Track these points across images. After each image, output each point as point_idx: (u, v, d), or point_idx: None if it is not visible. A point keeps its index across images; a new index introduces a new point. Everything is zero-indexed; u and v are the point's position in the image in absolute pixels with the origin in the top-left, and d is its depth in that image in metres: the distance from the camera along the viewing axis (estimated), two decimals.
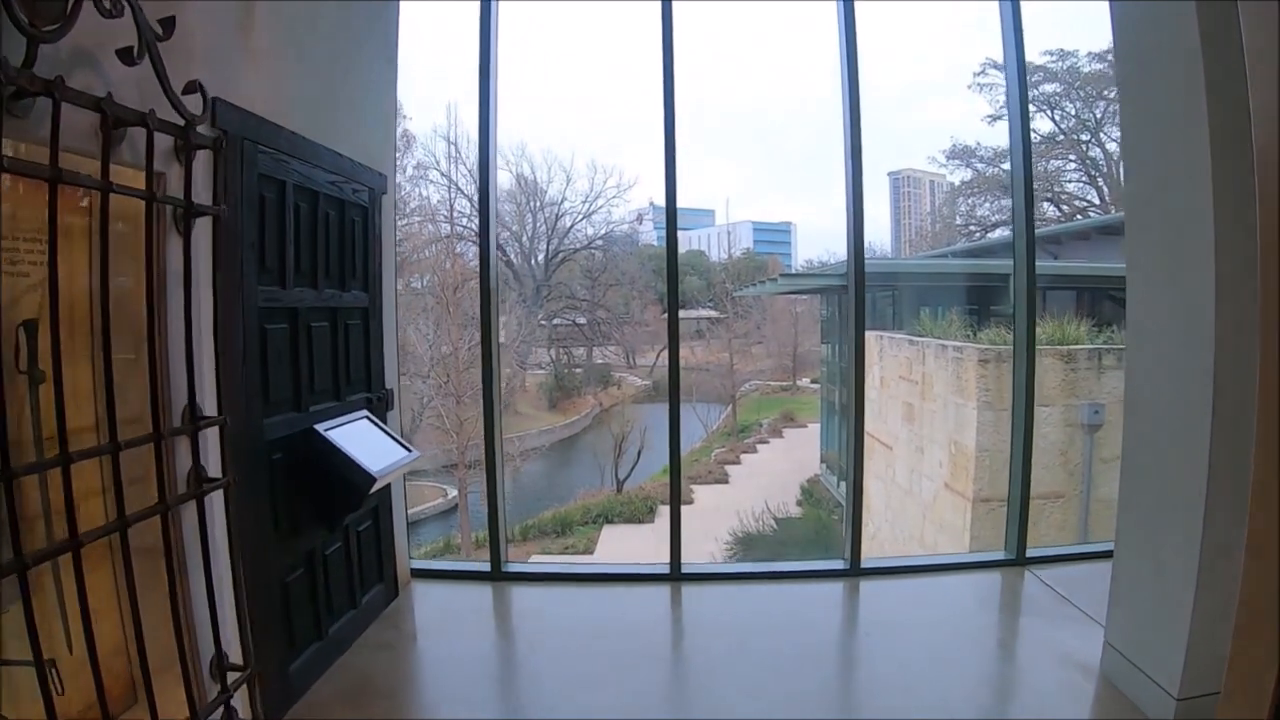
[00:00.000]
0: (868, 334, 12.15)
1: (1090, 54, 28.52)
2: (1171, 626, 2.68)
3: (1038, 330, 9.13)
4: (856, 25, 4.12)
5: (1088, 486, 8.53)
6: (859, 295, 4.15)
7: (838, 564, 4.18)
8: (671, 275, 4.14)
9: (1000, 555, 4.39)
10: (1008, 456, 8.52)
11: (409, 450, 3.25)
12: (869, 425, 12.56)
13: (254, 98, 2.67)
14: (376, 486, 2.99)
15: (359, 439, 3.06)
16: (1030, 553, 4.38)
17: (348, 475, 2.93)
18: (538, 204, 33.03)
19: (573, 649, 3.36)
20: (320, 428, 2.96)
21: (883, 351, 11.66)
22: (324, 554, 3.17)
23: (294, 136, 2.92)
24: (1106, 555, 4.44)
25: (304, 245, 3.00)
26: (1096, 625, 3.34)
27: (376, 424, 3.30)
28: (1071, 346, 8.60)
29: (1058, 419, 8.50)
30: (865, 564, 4.12)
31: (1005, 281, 13.03)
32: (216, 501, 2.35)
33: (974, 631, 3.58)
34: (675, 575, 4.06)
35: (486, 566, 4.11)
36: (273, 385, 2.82)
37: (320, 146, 3.10)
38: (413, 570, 4.14)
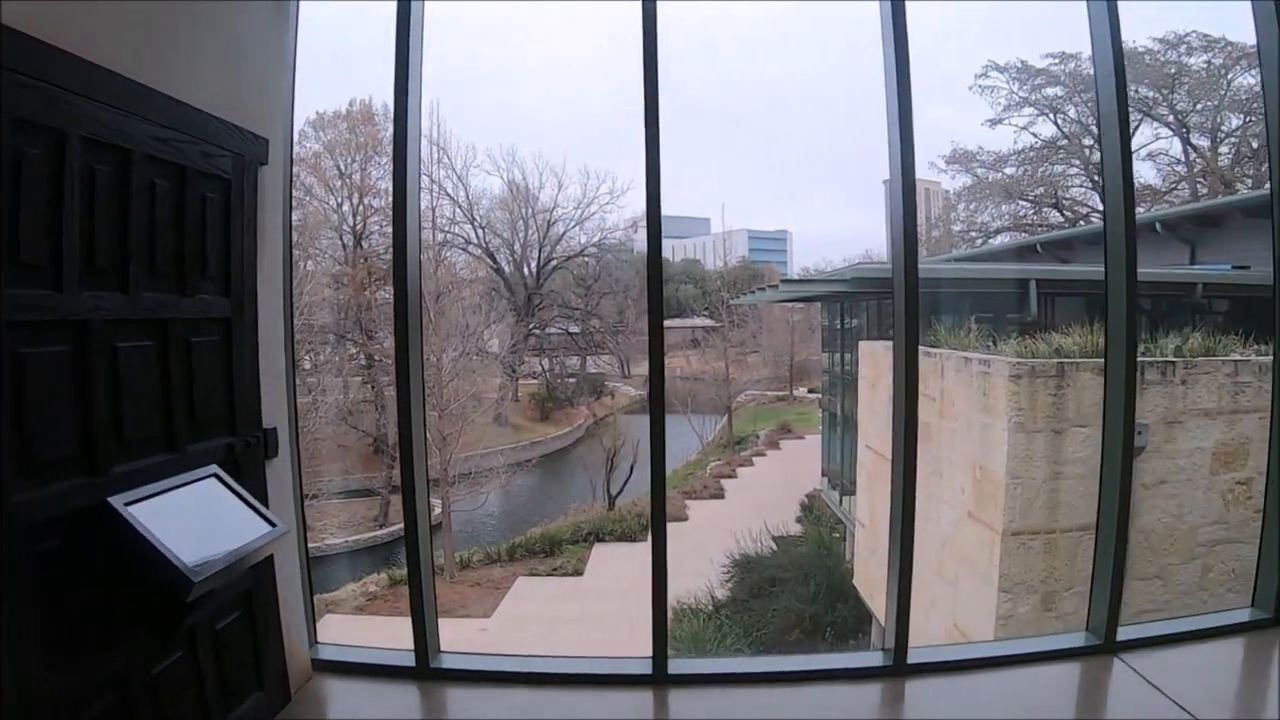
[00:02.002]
0: (875, 344, 11.25)
1: (1093, 56, 27.76)
2: None
3: (1066, 341, 8.27)
4: None
5: (1127, 516, 7.59)
6: (910, 306, 3.13)
7: (876, 659, 3.16)
8: (654, 289, 3.15)
9: (1081, 639, 3.39)
10: (1041, 484, 7.73)
11: (271, 524, 2.26)
12: (875, 442, 11.69)
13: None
14: (198, 592, 1.98)
15: (189, 514, 2.08)
16: (1122, 632, 3.39)
17: (153, 575, 1.94)
18: (529, 211, 32.36)
19: None
20: (119, 501, 1.96)
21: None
22: (150, 673, 2.17)
23: (88, 67, 1.94)
24: (1220, 634, 3.55)
25: (103, 228, 2.01)
26: None
27: (229, 485, 2.29)
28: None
29: (1096, 441, 7.55)
30: (913, 657, 3.11)
31: (1024, 288, 12.17)
32: None
33: None
34: (660, 676, 3.03)
35: (411, 659, 3.10)
36: (38, 439, 1.82)
37: (141, 87, 2.12)
38: (318, 662, 3.14)
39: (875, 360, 11.58)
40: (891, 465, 3.14)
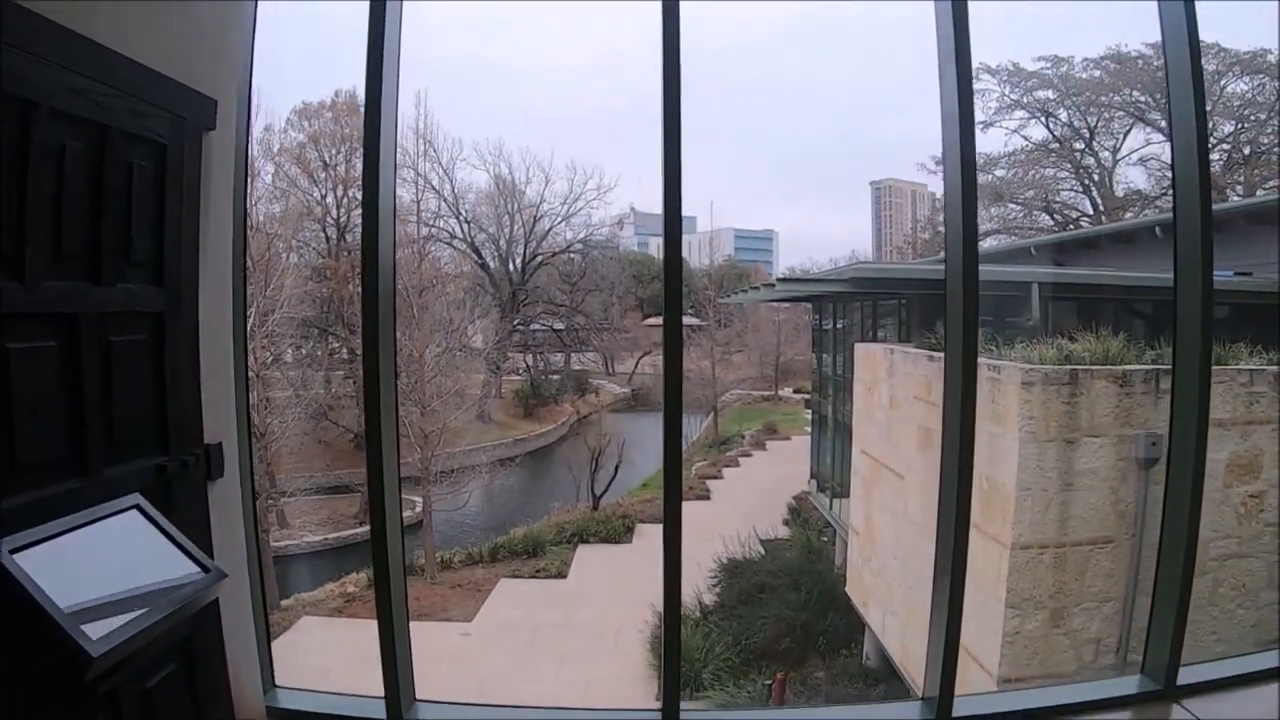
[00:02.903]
0: (873, 347, 10.90)
1: (1085, 60, 27.66)
2: None
3: (1076, 347, 7.93)
4: None
5: (1140, 530, 7.33)
6: (969, 303, 2.71)
7: (914, 710, 2.75)
8: (673, 288, 2.75)
9: (1136, 684, 3.01)
10: (1052, 496, 7.39)
11: (204, 570, 1.82)
12: (871, 448, 11.35)
13: None
14: (100, 668, 1.54)
15: (100, 560, 1.65)
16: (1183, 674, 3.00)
17: (46, 645, 1.51)
18: (515, 206, 31.97)
19: None
20: (4, 548, 1.53)
21: (894, 367, 10.38)
22: None
23: None
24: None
25: None
26: None
27: (154, 520, 1.85)
28: (1126, 367, 7.36)
29: (1109, 452, 7.27)
30: (959, 709, 2.71)
31: (1025, 290, 11.85)
32: None
33: None
34: None
35: (381, 710, 2.67)
36: None
37: (47, 22, 1.70)
38: (275, 711, 2.72)
39: (873, 363, 11.24)
40: (941, 494, 2.73)
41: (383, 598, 2.62)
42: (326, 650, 12.80)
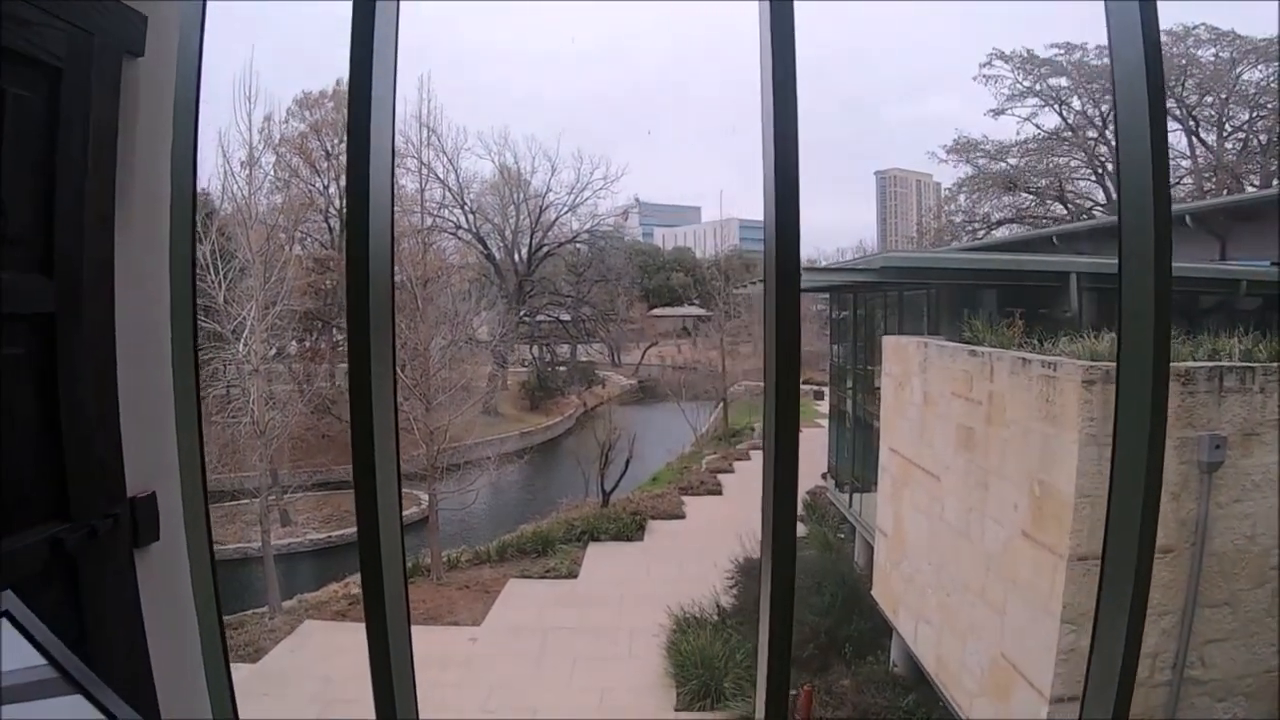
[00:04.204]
0: (904, 340, 10.28)
1: (1099, 47, 27.01)
2: None
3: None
4: None
5: (1201, 538, 6.77)
6: (1160, 305, 2.08)
7: None
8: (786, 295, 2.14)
9: None
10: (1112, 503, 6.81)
11: (104, 713, 1.19)
12: (901, 446, 10.73)
13: None
14: None
15: None
16: None
17: None
18: (521, 196, 31.50)
19: None
20: None
21: (928, 361, 9.76)
22: None
23: None
24: None
25: None
26: None
27: (28, 631, 1.22)
28: (1189, 364, 6.78)
29: (1171, 455, 6.67)
30: None
31: (1062, 280, 11.23)
32: None
33: None
34: None
35: None
36: None
37: None
38: None
39: (904, 357, 10.61)
40: (1109, 530, 2.11)
41: (375, 613, 1.97)
42: (329, 657, 12.38)
